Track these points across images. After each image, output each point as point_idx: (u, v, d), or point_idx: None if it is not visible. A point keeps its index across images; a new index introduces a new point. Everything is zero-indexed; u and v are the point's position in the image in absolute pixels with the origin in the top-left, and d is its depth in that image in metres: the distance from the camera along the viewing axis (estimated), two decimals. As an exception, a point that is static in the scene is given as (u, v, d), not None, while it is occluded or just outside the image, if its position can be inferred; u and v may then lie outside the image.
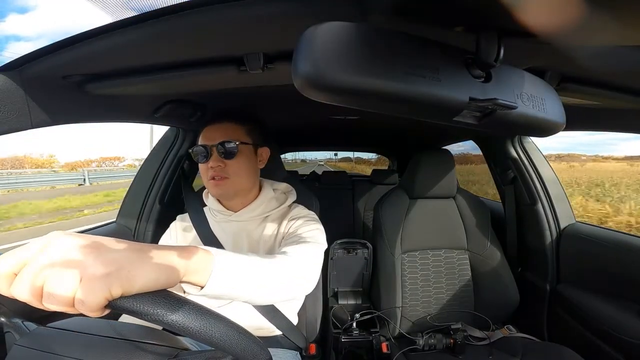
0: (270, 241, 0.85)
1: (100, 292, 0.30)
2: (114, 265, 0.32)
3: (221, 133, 0.81)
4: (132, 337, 0.42)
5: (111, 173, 18.05)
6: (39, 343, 0.41)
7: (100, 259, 0.31)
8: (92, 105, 0.75)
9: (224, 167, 0.80)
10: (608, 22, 0.30)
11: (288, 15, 0.43)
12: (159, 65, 0.61)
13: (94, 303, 0.30)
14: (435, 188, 1.28)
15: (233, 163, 0.80)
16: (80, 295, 0.29)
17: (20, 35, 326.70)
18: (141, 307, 0.32)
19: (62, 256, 0.31)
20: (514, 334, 1.16)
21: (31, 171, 18.14)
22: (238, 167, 0.81)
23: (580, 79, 0.66)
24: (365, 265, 1.34)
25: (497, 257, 1.25)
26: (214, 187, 0.81)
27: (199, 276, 0.40)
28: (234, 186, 0.82)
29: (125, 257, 0.33)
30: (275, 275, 0.55)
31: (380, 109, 0.34)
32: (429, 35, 0.34)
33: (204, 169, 0.82)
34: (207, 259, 0.41)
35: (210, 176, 0.80)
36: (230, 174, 0.80)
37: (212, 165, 0.79)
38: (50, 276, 0.30)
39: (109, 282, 0.30)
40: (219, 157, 0.80)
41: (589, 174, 12.16)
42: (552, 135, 0.45)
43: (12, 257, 0.31)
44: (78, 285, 0.30)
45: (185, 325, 0.33)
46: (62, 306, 0.30)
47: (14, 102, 0.56)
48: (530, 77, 0.41)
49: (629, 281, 1.00)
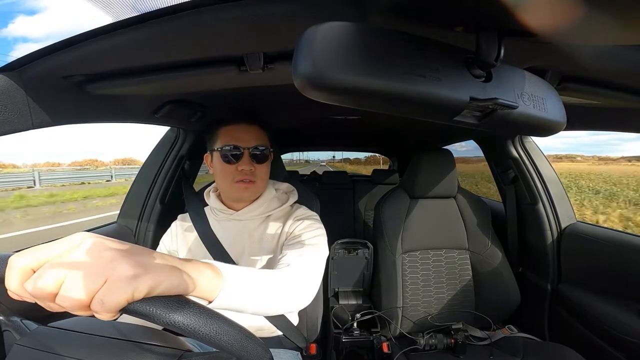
0: (272, 241, 0.85)
1: (124, 293, 0.30)
2: (141, 269, 0.32)
3: (253, 136, 0.82)
4: (134, 338, 0.42)
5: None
6: (41, 343, 0.41)
7: (128, 261, 0.32)
8: (92, 105, 0.75)
9: (254, 171, 0.81)
10: (608, 22, 0.30)
11: (288, 15, 0.43)
12: (160, 65, 0.62)
13: (114, 304, 0.30)
14: (435, 188, 1.28)
15: (261, 167, 0.82)
16: (102, 295, 0.29)
17: (29, 36, 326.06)
18: (145, 308, 0.32)
19: (90, 256, 0.31)
20: (515, 333, 1.15)
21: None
22: (264, 172, 0.83)
23: (580, 78, 0.66)
24: (366, 265, 1.34)
25: (497, 256, 1.25)
26: (242, 190, 0.81)
27: (208, 292, 0.41)
28: (259, 190, 0.84)
29: (150, 262, 0.34)
30: (281, 290, 0.57)
31: (380, 109, 0.34)
32: (429, 35, 0.34)
33: (229, 170, 0.81)
34: (217, 277, 0.42)
35: (239, 178, 0.80)
36: (258, 178, 0.82)
37: (243, 168, 0.80)
38: (73, 275, 0.30)
39: (135, 284, 0.31)
40: (251, 161, 0.80)
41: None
42: (553, 135, 0.45)
43: (34, 253, 0.31)
44: (100, 286, 0.30)
45: (187, 325, 0.33)
46: (75, 307, 0.30)
47: (15, 102, 0.56)
48: (531, 77, 0.41)
49: (630, 281, 1.00)
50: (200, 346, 0.77)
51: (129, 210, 1.23)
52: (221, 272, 0.43)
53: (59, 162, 32.21)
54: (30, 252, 0.32)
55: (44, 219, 7.32)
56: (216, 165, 0.83)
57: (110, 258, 0.32)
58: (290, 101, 1.08)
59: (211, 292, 0.41)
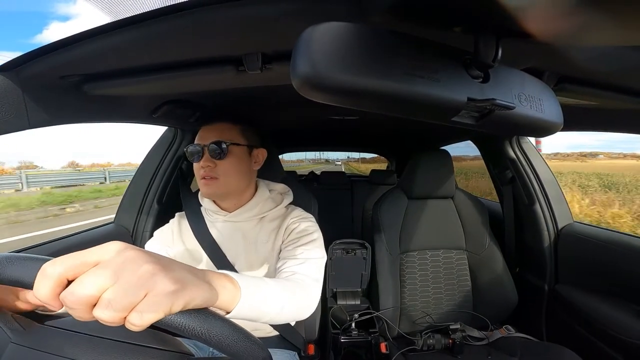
0: (267, 243, 0.84)
1: (163, 308, 0.30)
2: (179, 284, 0.32)
3: (214, 133, 0.82)
4: (132, 338, 0.42)
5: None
6: (37, 342, 0.40)
7: (168, 276, 0.32)
8: (90, 105, 0.74)
9: (214, 167, 0.80)
10: (605, 22, 0.30)
11: (286, 15, 0.43)
12: (158, 65, 0.61)
13: (152, 318, 0.30)
14: (433, 188, 1.28)
15: (223, 163, 0.81)
16: (141, 309, 0.30)
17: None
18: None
19: (130, 269, 0.31)
20: (513, 334, 1.16)
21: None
22: (228, 168, 0.81)
23: (577, 79, 0.66)
24: (364, 265, 1.34)
25: (495, 257, 1.25)
26: (204, 187, 0.81)
27: (227, 303, 0.42)
28: (223, 187, 0.82)
29: (187, 278, 0.34)
30: (293, 300, 0.60)
31: (378, 110, 0.34)
32: (427, 36, 0.34)
33: (196, 168, 0.82)
34: (235, 289, 0.44)
35: (201, 175, 0.81)
36: (220, 174, 0.81)
37: (202, 165, 0.80)
38: (115, 287, 0.29)
39: (173, 299, 0.31)
40: (210, 157, 0.80)
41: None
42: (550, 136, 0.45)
43: (71, 261, 0.30)
44: (140, 300, 0.30)
45: (186, 326, 0.33)
46: (112, 319, 0.29)
47: (12, 102, 0.56)
48: (528, 78, 0.41)
49: (627, 281, 1.00)
50: (198, 346, 0.76)
51: (126, 211, 1.22)
52: (238, 283, 0.45)
53: (108, 161, 32.57)
54: (66, 260, 0.30)
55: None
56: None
57: (151, 272, 0.32)
58: (289, 101, 1.08)
59: (230, 303, 0.43)
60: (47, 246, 0.91)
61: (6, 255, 0.36)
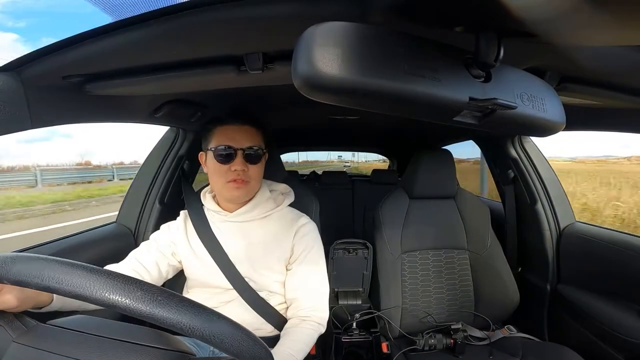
0: (270, 244, 0.85)
1: None
2: None
3: (247, 137, 0.82)
4: (133, 338, 0.42)
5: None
6: (39, 341, 0.40)
7: None
8: (92, 105, 0.74)
9: (247, 172, 0.81)
10: (607, 22, 0.30)
11: (288, 15, 0.43)
12: (159, 65, 0.61)
13: None
14: (435, 188, 1.28)
15: (255, 168, 0.82)
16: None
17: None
18: (152, 310, 0.32)
19: None
20: (514, 334, 1.15)
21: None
22: (257, 173, 0.83)
23: (579, 79, 0.66)
24: (366, 265, 1.34)
25: (497, 257, 1.25)
26: (234, 190, 0.81)
27: None
28: (252, 191, 0.84)
29: None
30: (314, 338, 0.81)
31: (379, 109, 0.34)
32: (428, 36, 0.34)
33: (222, 170, 0.81)
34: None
35: (231, 178, 0.80)
36: (251, 179, 0.82)
37: (236, 168, 0.80)
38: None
39: None
40: (244, 161, 0.80)
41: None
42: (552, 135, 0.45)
43: None
44: None
45: (189, 325, 0.33)
46: None
47: (14, 102, 0.56)
48: (530, 77, 0.41)
49: (629, 281, 1.00)
50: (198, 345, 0.77)
51: (128, 211, 1.22)
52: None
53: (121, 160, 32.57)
54: None
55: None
56: (210, 165, 0.83)
57: None
58: (290, 101, 1.08)
59: None
60: (50, 245, 0.91)
61: (10, 255, 0.37)
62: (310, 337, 0.79)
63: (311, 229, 0.90)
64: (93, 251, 1.00)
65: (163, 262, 0.85)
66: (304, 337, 0.78)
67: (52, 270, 0.35)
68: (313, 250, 0.88)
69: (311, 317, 0.82)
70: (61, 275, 0.35)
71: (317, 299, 0.85)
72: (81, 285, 0.34)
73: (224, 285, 0.82)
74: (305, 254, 0.87)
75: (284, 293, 0.87)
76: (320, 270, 0.88)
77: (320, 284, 0.87)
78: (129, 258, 0.84)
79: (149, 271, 0.82)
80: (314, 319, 0.83)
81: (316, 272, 0.87)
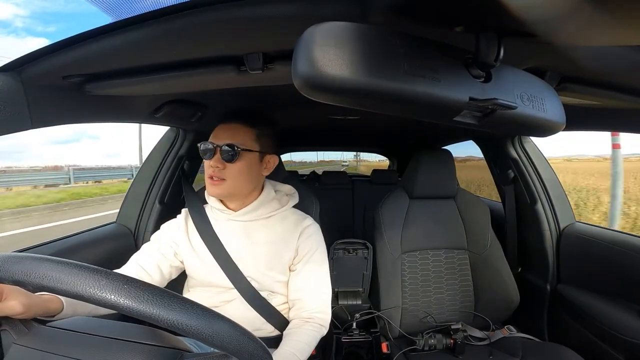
0: (273, 245, 0.85)
1: None
2: None
3: (229, 134, 0.81)
4: (134, 338, 0.42)
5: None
6: (40, 343, 0.40)
7: None
8: (92, 105, 0.74)
9: (222, 169, 0.80)
10: (607, 22, 0.30)
11: (288, 15, 0.43)
12: (159, 65, 0.61)
13: None
14: (435, 188, 1.28)
15: (232, 167, 0.80)
16: None
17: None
18: (148, 308, 0.32)
19: None
20: (514, 334, 1.15)
21: None
22: (237, 172, 0.81)
23: (580, 79, 0.66)
24: (366, 265, 1.34)
25: (497, 257, 1.24)
26: (210, 186, 0.82)
27: None
28: (229, 189, 0.82)
29: None
30: (317, 338, 0.83)
31: (380, 109, 0.34)
32: (428, 36, 0.34)
33: (206, 165, 0.83)
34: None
35: (209, 175, 0.81)
36: (228, 177, 0.80)
37: (212, 165, 0.80)
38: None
39: None
40: (220, 159, 0.80)
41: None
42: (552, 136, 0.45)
43: None
44: None
45: (188, 326, 0.33)
46: None
47: (14, 102, 0.56)
48: (530, 77, 0.41)
49: (629, 281, 1.00)
50: (199, 345, 0.77)
51: (128, 210, 1.22)
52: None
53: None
54: None
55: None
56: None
57: None
58: (290, 101, 1.08)
59: None
60: (50, 245, 0.91)
61: (10, 255, 0.37)
62: (313, 338, 0.80)
63: (315, 231, 0.91)
64: (93, 251, 1.00)
65: (165, 264, 0.85)
66: (307, 338, 0.79)
67: (52, 270, 0.35)
68: (317, 251, 0.88)
69: (314, 319, 0.83)
70: (61, 275, 0.35)
71: (320, 300, 0.86)
72: (81, 285, 0.34)
73: (225, 284, 0.82)
74: (310, 256, 0.87)
75: (285, 293, 0.88)
76: (324, 272, 0.89)
77: (324, 286, 0.88)
78: (131, 262, 0.84)
79: (151, 275, 0.82)
80: (317, 321, 0.83)
81: (320, 274, 0.88)
